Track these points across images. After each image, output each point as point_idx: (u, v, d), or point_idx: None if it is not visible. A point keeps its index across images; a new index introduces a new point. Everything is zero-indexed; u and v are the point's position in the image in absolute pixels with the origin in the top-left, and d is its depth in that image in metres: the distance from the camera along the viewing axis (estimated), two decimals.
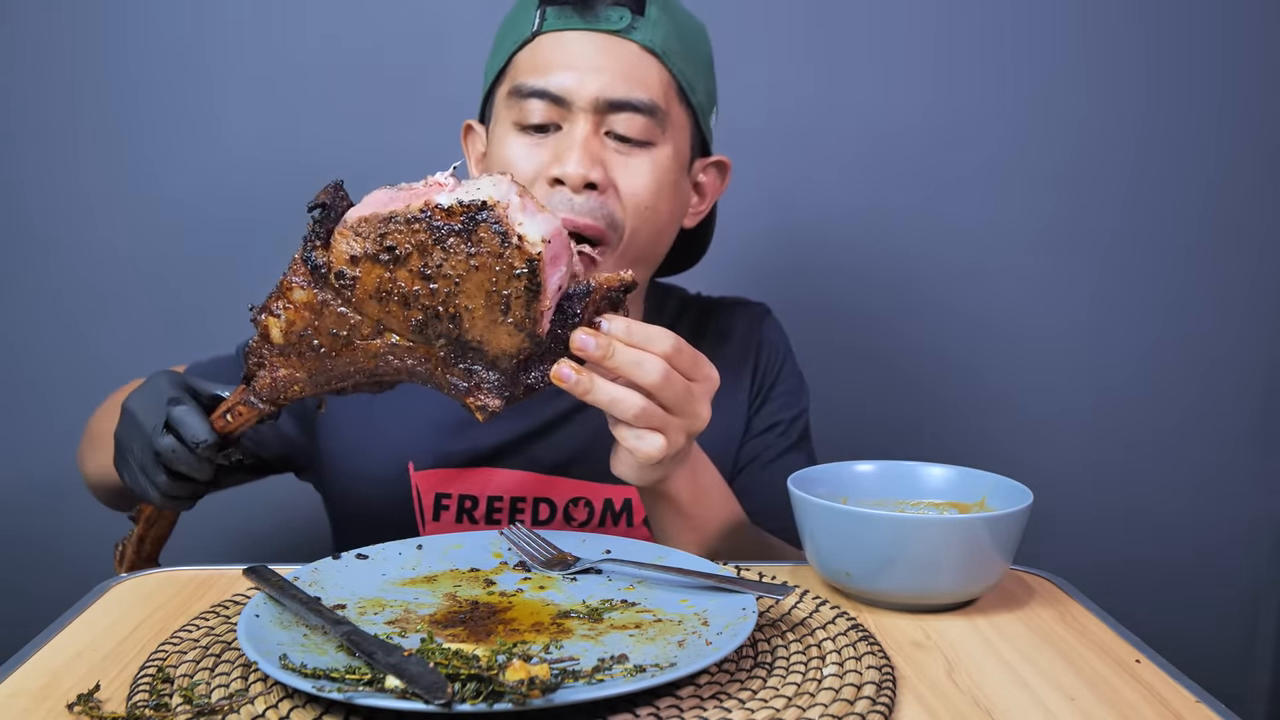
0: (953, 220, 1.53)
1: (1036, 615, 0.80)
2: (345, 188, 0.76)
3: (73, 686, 0.68)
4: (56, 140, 1.47)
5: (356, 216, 0.74)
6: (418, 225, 0.72)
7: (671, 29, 0.98)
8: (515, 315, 0.73)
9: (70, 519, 1.43)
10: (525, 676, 0.58)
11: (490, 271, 0.72)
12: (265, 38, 1.47)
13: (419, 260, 0.73)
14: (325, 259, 0.75)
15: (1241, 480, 1.61)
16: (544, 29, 0.96)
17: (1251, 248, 1.57)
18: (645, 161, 0.96)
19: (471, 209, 0.71)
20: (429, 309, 0.74)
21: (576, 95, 0.94)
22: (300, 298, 0.76)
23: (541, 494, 1.03)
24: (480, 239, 0.72)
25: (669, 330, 0.78)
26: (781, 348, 1.15)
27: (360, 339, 0.76)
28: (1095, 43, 1.52)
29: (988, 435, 1.57)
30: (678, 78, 0.98)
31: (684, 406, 0.78)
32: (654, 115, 0.96)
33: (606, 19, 0.95)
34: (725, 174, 1.09)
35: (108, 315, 1.50)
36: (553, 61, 0.95)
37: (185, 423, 0.82)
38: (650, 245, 1.00)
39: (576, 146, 0.93)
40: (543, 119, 0.95)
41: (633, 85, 0.95)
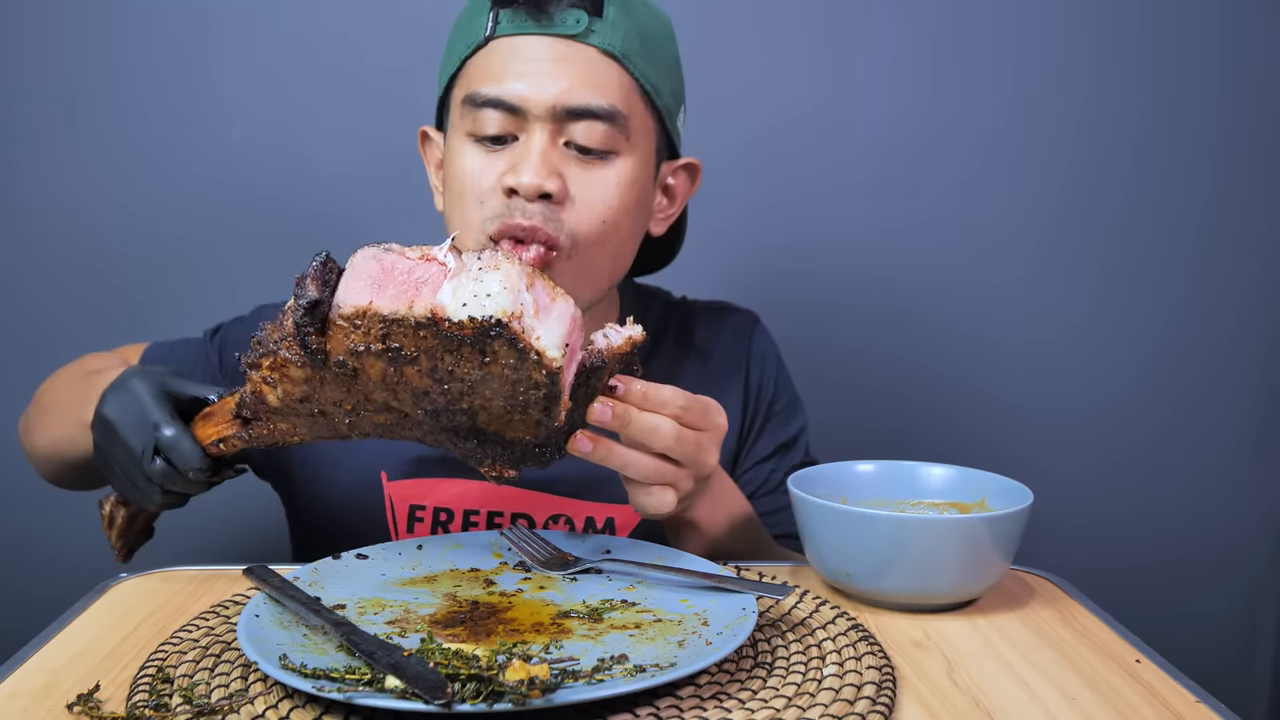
0: (952, 220, 1.53)
1: (1036, 615, 0.80)
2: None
3: (73, 686, 0.68)
4: (51, 136, 1.47)
5: (352, 308, 0.67)
6: (425, 333, 0.66)
7: (632, 29, 0.93)
8: (533, 416, 0.70)
9: (70, 519, 1.43)
10: (525, 676, 0.58)
11: (507, 381, 0.68)
12: (260, 36, 1.47)
13: (428, 363, 0.68)
14: (322, 345, 0.69)
15: (1241, 480, 1.61)
16: (497, 34, 0.92)
17: (1252, 248, 1.57)
18: (607, 173, 0.92)
19: (484, 326, 0.65)
20: (441, 403, 0.70)
21: (532, 104, 0.90)
22: (297, 375, 0.71)
23: (520, 509, 1.00)
24: (495, 351, 0.66)
25: (679, 389, 0.79)
26: (773, 360, 1.12)
27: (367, 411, 0.72)
28: (1094, 45, 1.52)
29: (988, 435, 1.57)
30: (640, 80, 0.94)
31: (694, 459, 0.80)
32: (615, 122, 0.91)
33: (562, 22, 0.91)
34: (696, 176, 1.05)
35: (109, 316, 1.50)
36: (506, 69, 0.91)
37: (177, 450, 0.79)
38: (611, 259, 0.96)
39: (533, 157, 0.90)
40: (498, 130, 0.91)
41: (591, 91, 0.91)
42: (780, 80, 1.50)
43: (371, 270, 0.67)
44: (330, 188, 1.49)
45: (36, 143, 1.47)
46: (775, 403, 1.11)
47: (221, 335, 1.10)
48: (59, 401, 1.02)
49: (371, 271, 0.67)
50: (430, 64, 1.47)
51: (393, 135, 1.48)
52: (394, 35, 1.47)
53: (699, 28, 1.46)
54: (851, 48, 1.50)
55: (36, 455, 1.05)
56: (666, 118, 0.98)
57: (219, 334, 1.11)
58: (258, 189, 1.49)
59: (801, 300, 1.53)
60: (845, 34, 1.50)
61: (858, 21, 1.50)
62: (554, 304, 0.68)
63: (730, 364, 1.10)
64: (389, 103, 1.48)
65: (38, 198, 1.48)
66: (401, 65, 1.47)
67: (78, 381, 1.01)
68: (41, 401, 1.06)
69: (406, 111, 1.48)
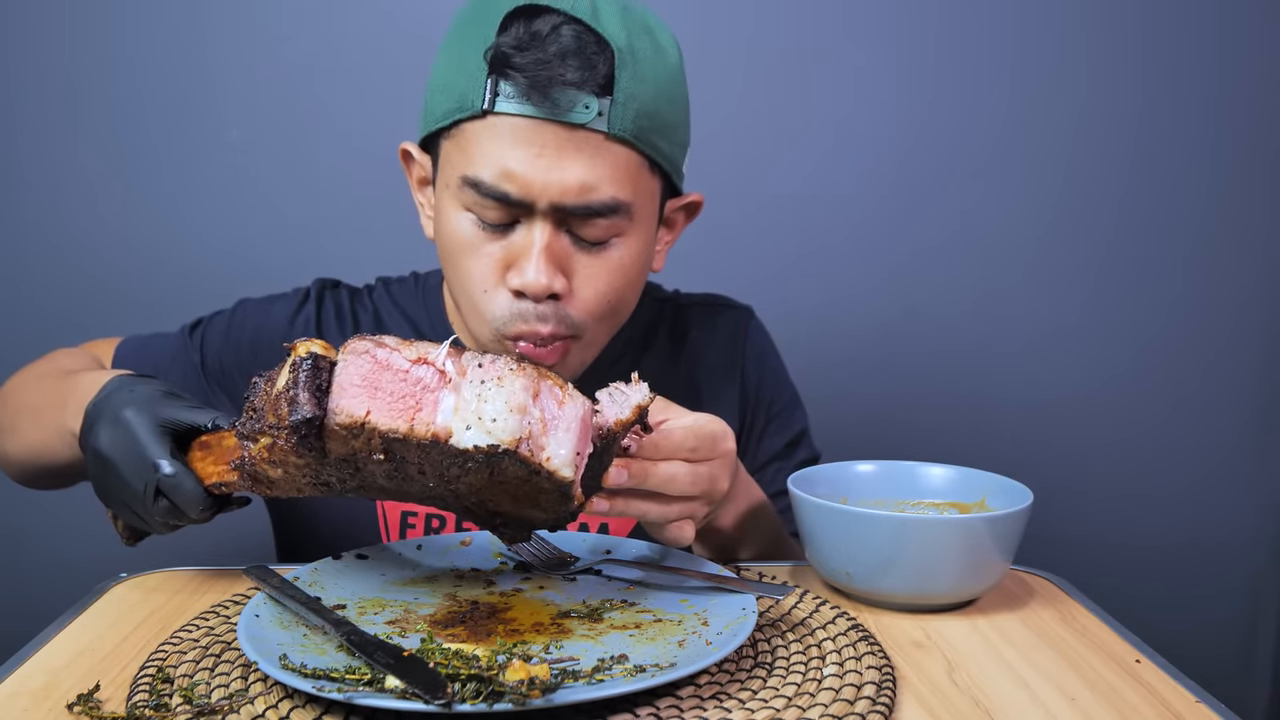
0: (952, 221, 1.53)
1: (1036, 615, 0.80)
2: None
3: (73, 686, 0.68)
4: (52, 138, 1.47)
5: (349, 417, 0.64)
6: (430, 451, 0.64)
7: (645, 101, 0.86)
8: (546, 509, 0.70)
9: (70, 519, 1.43)
10: (525, 676, 0.58)
11: (518, 487, 0.67)
12: (261, 42, 1.47)
13: (434, 471, 0.66)
14: (320, 446, 0.66)
15: (1241, 481, 1.61)
16: (496, 107, 0.85)
17: (1251, 247, 1.57)
18: (610, 260, 0.90)
19: (490, 453, 0.63)
20: (450, 497, 0.69)
21: (538, 198, 0.85)
22: (298, 462, 0.67)
23: None
24: (504, 469, 0.64)
25: (688, 427, 0.77)
26: (770, 357, 1.11)
27: (371, 489, 0.71)
28: (1093, 45, 1.52)
29: (988, 435, 1.57)
30: (649, 154, 0.89)
31: (708, 492, 0.79)
32: (619, 214, 0.88)
33: (569, 109, 0.83)
34: (696, 210, 1.02)
35: (109, 316, 1.50)
36: (507, 155, 0.85)
37: (179, 492, 0.77)
38: (617, 324, 0.96)
39: (536, 256, 0.86)
40: (499, 219, 0.87)
41: (598, 185, 0.85)
42: (779, 84, 1.50)
43: (365, 370, 0.64)
44: (330, 188, 1.49)
45: (36, 144, 1.47)
46: (775, 402, 1.10)
47: (203, 331, 1.06)
48: (31, 405, 0.96)
49: (366, 371, 0.64)
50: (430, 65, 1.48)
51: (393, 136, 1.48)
52: (396, 35, 1.47)
53: (701, 34, 1.46)
54: (851, 50, 1.50)
55: (6, 458, 1.00)
56: (673, 174, 0.94)
57: (199, 329, 1.06)
58: (257, 189, 1.49)
59: (801, 300, 1.53)
60: (844, 36, 1.50)
61: (858, 24, 1.50)
62: (563, 410, 0.66)
63: (725, 364, 1.09)
64: (389, 103, 1.48)
65: (38, 199, 1.48)
66: (403, 66, 1.47)
67: (50, 384, 0.95)
68: (9, 403, 1.00)
69: (407, 113, 1.48)
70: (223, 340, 1.05)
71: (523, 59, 0.83)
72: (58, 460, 0.93)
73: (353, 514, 1.00)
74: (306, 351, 0.65)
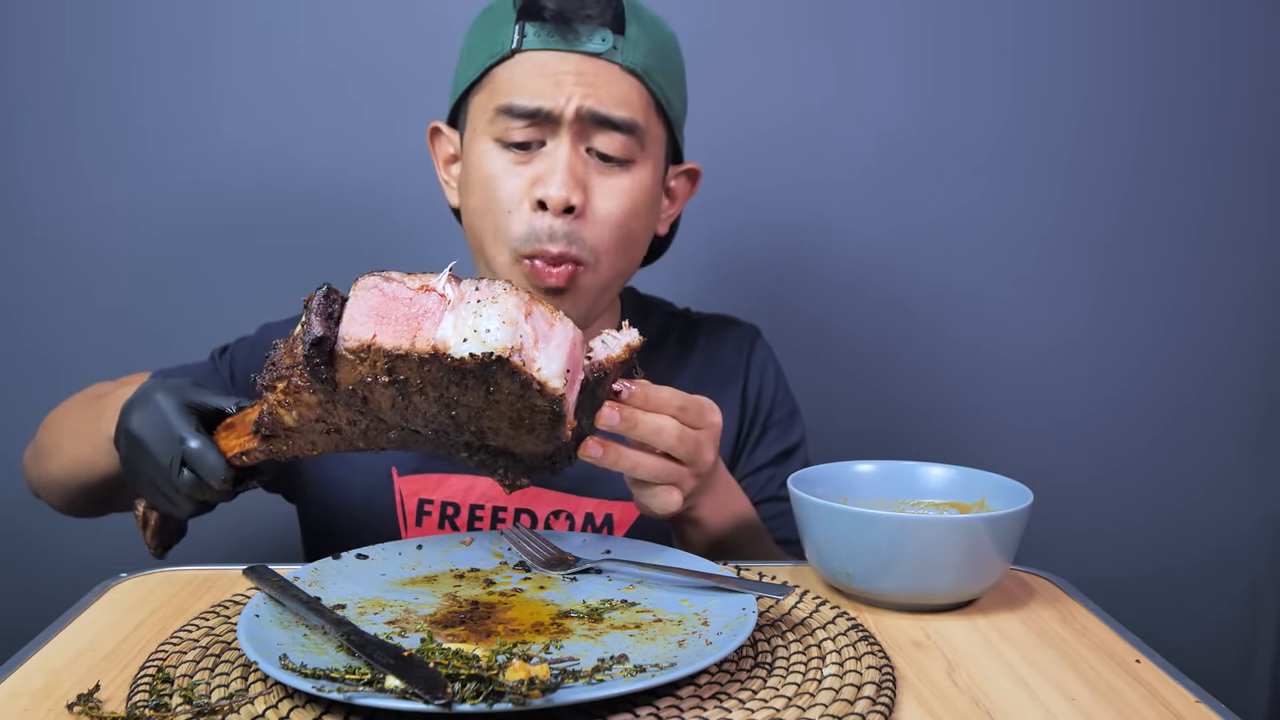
0: (952, 222, 1.53)
1: (1036, 615, 0.80)
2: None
3: (73, 686, 0.68)
4: (52, 140, 1.47)
5: (357, 341, 0.69)
6: (429, 366, 0.68)
7: (650, 46, 0.99)
8: (540, 434, 0.72)
9: (70, 519, 1.43)
10: (525, 676, 0.58)
11: (512, 406, 0.70)
12: (260, 37, 1.47)
13: (434, 392, 0.70)
14: (331, 375, 0.71)
15: (1242, 481, 1.61)
16: (524, 47, 0.96)
17: (1252, 251, 1.57)
18: (624, 182, 0.98)
19: (485, 362, 0.67)
20: (449, 425, 0.72)
21: (562, 109, 0.95)
22: (310, 399, 0.73)
23: (523, 504, 1.03)
24: (498, 384, 0.68)
25: (675, 390, 0.82)
26: (773, 372, 1.15)
27: (378, 431, 0.75)
28: (1093, 46, 1.52)
29: (988, 435, 1.57)
30: (657, 95, 0.99)
31: (694, 457, 0.83)
32: (634, 134, 0.97)
33: (588, 40, 0.96)
34: (696, 180, 1.10)
35: (109, 317, 1.50)
36: (535, 82, 0.96)
37: (202, 462, 0.82)
38: (624, 263, 1.02)
39: (560, 168, 0.95)
40: (525, 137, 0.96)
41: (615, 105, 0.96)
42: (778, 83, 1.50)
43: (374, 301, 0.69)
44: (331, 188, 1.49)
45: (36, 144, 1.47)
46: (774, 413, 1.13)
47: (230, 354, 1.13)
48: (71, 426, 1.04)
49: (374, 303, 0.69)
50: (431, 62, 1.48)
51: (394, 135, 1.48)
52: (396, 34, 1.47)
53: (699, 30, 1.46)
54: (850, 52, 1.50)
55: (49, 481, 1.06)
56: (675, 127, 1.04)
57: (227, 353, 1.14)
58: (257, 189, 1.49)
59: (802, 300, 1.53)
60: (843, 38, 1.50)
61: (857, 24, 1.50)
62: (553, 330, 0.70)
63: (729, 374, 1.12)
64: (392, 102, 1.48)
65: (37, 198, 1.48)
66: (404, 63, 1.47)
67: (88, 406, 1.03)
68: (52, 429, 1.08)
69: (409, 111, 1.48)
70: (248, 359, 1.11)
71: (546, 2, 0.96)
72: (96, 473, 0.98)
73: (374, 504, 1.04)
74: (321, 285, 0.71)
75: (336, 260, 1.46)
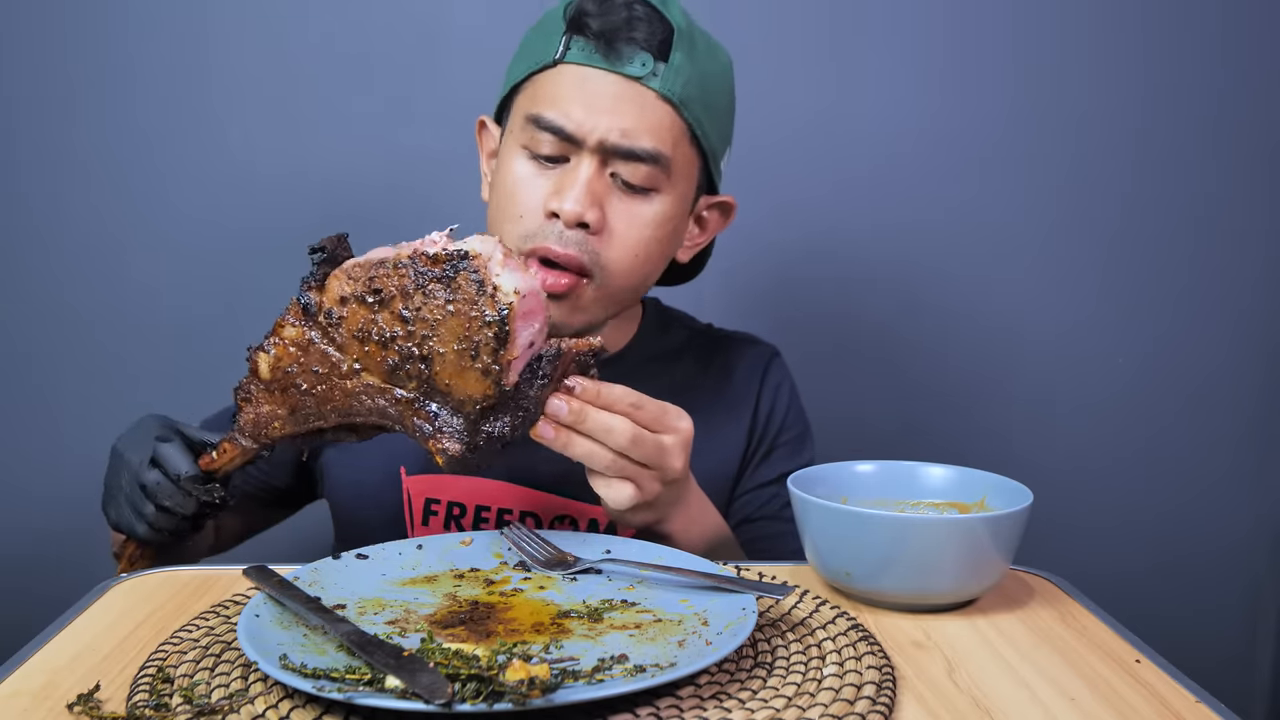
0: (952, 223, 1.53)
1: (1036, 615, 0.80)
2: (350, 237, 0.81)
3: (73, 686, 0.68)
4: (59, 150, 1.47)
5: (352, 262, 0.79)
6: (404, 270, 0.76)
7: (694, 75, 0.97)
8: (483, 361, 0.75)
9: (70, 519, 1.43)
10: (525, 676, 0.58)
11: (464, 317, 0.75)
12: (267, 43, 1.47)
13: (401, 303, 0.76)
14: (318, 299, 0.79)
15: (1241, 481, 1.60)
16: (566, 59, 0.96)
17: (1253, 250, 1.57)
18: (644, 210, 0.97)
19: (454, 257, 0.75)
20: (404, 349, 0.77)
21: (586, 135, 0.95)
22: (290, 335, 0.80)
23: (529, 507, 1.03)
24: (458, 286, 0.75)
25: (630, 390, 0.83)
26: (787, 393, 1.14)
27: (338, 377, 0.80)
28: (1095, 44, 1.52)
29: (988, 435, 1.57)
30: (692, 125, 0.98)
31: (656, 460, 0.83)
32: (658, 164, 0.96)
33: (629, 62, 0.95)
34: (730, 213, 1.09)
35: (108, 319, 1.50)
36: (569, 97, 0.95)
37: (169, 457, 0.86)
38: (632, 285, 1.01)
39: (578, 185, 0.95)
40: (552, 151, 0.96)
41: (642, 134, 0.95)
42: (783, 86, 1.50)
43: (379, 251, 0.78)
44: (332, 187, 1.49)
45: (36, 145, 1.47)
46: (783, 434, 1.13)
47: None
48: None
49: (379, 252, 0.78)
50: (433, 64, 1.48)
51: (394, 137, 1.48)
52: (398, 34, 1.47)
53: None
54: (854, 54, 1.50)
55: None
56: (711, 159, 1.02)
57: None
58: (258, 190, 1.49)
59: (802, 300, 1.54)
60: (847, 40, 1.50)
61: (865, 29, 1.50)
62: (520, 273, 0.77)
63: (742, 392, 1.12)
64: (391, 104, 1.48)
65: (37, 199, 1.48)
66: (406, 66, 1.47)
67: None
68: None
69: (410, 112, 1.48)
70: None
71: (597, 18, 0.95)
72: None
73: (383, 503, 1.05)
74: None
75: None
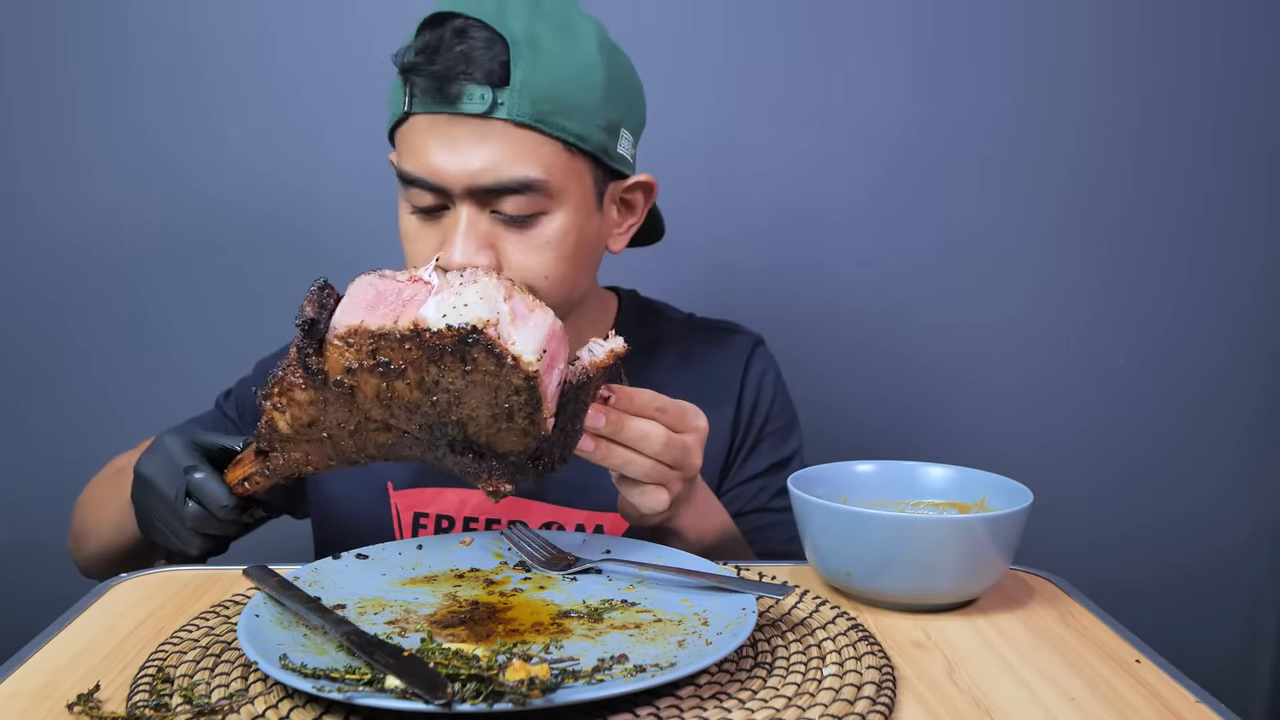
0: (953, 222, 1.53)
1: (1036, 615, 0.80)
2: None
3: (73, 686, 0.68)
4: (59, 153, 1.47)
5: (345, 327, 0.72)
6: (409, 344, 0.70)
7: (544, 88, 0.90)
8: (519, 424, 0.72)
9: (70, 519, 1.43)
10: (525, 676, 0.58)
11: (489, 388, 0.71)
12: (267, 43, 1.47)
13: (415, 375, 0.71)
14: (321, 366, 0.74)
15: (1242, 481, 1.60)
16: (413, 109, 0.92)
17: (1252, 250, 1.57)
18: (538, 235, 0.93)
19: (461, 333, 0.69)
20: (432, 416, 0.73)
21: (451, 184, 0.91)
22: (302, 398, 0.75)
23: (516, 516, 1.03)
24: (474, 359, 0.69)
25: (655, 393, 0.83)
26: (771, 382, 1.12)
27: (369, 431, 0.76)
28: (1095, 42, 1.52)
29: (988, 435, 1.57)
30: (561, 137, 0.92)
31: (682, 460, 0.84)
32: (534, 190, 0.91)
33: (468, 100, 0.89)
34: (651, 190, 1.04)
35: (108, 319, 1.50)
36: (424, 148, 0.91)
37: (205, 490, 0.85)
38: (564, 299, 0.96)
39: (459, 236, 0.91)
40: (429, 204, 0.93)
41: (507, 166, 0.90)
42: (783, 85, 1.50)
43: (367, 295, 0.72)
44: (332, 187, 1.49)
45: (36, 145, 1.47)
46: (769, 424, 1.11)
47: (234, 396, 1.15)
48: (99, 501, 1.06)
49: (366, 296, 0.72)
50: None
51: None
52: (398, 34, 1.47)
53: (692, 35, 1.47)
54: (851, 51, 1.50)
55: (94, 559, 1.08)
56: (601, 153, 0.96)
57: (231, 396, 1.16)
58: (258, 189, 1.49)
59: (801, 300, 1.53)
60: (845, 38, 1.50)
61: (864, 26, 1.50)
62: (532, 314, 0.72)
63: (725, 383, 1.10)
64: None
65: (37, 200, 1.48)
66: None
67: (110, 480, 1.06)
68: (82, 511, 1.10)
69: None
70: (251, 396, 1.12)
71: (426, 63, 0.90)
72: (130, 541, 1.00)
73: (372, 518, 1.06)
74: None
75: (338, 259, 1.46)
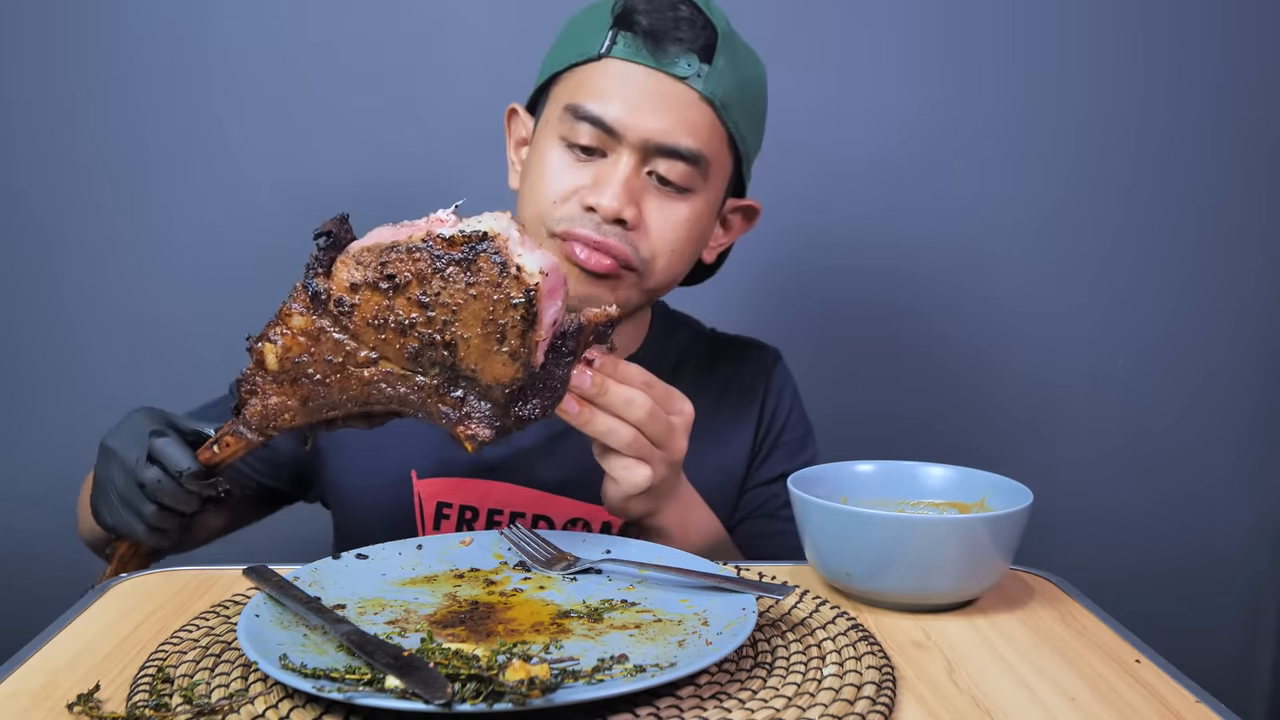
0: (952, 222, 1.53)
1: (1036, 615, 0.80)
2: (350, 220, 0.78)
3: (73, 686, 0.68)
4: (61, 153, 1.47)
5: (359, 246, 0.75)
6: (419, 254, 0.73)
7: (735, 79, 0.98)
8: (511, 344, 0.74)
9: (70, 519, 1.42)
10: (525, 676, 0.58)
11: (488, 301, 0.73)
12: (267, 42, 1.47)
13: (418, 288, 0.73)
14: (326, 286, 0.76)
15: (1241, 481, 1.61)
16: (613, 54, 0.96)
17: (1252, 248, 1.57)
18: (681, 209, 0.98)
19: (472, 239, 0.72)
20: (425, 336, 0.74)
21: (628, 132, 0.94)
22: (298, 324, 0.77)
23: (541, 511, 1.03)
24: (479, 269, 0.73)
25: (643, 369, 0.83)
26: (789, 395, 1.15)
27: (354, 366, 0.77)
28: (1096, 39, 1.52)
29: (988, 435, 1.57)
30: (730, 128, 0.99)
31: (666, 440, 0.84)
32: (698, 164, 0.97)
33: (674, 63, 0.95)
34: (753, 217, 1.10)
35: (107, 319, 1.50)
36: (614, 91, 0.95)
37: (168, 453, 0.83)
38: (665, 284, 1.02)
39: (617, 182, 0.94)
40: (590, 143, 0.96)
41: (684, 133, 0.95)
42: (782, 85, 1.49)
43: (384, 232, 0.76)
44: (332, 186, 1.49)
45: (36, 145, 1.47)
46: (784, 434, 1.13)
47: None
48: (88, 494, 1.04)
49: (384, 232, 0.75)
50: (433, 64, 1.48)
51: (392, 137, 1.48)
52: (398, 33, 1.47)
53: None
54: (855, 50, 1.50)
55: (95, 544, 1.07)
56: (744, 162, 1.03)
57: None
58: (258, 189, 1.49)
59: (801, 299, 1.54)
60: (848, 37, 1.50)
61: (868, 25, 1.50)
62: (539, 247, 0.75)
63: (747, 395, 1.13)
64: (391, 104, 1.48)
65: (38, 199, 1.48)
66: (406, 65, 1.47)
67: None
68: (80, 498, 1.09)
69: (411, 111, 1.48)
70: None
71: (646, 15, 0.95)
72: None
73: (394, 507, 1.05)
74: None
75: None
